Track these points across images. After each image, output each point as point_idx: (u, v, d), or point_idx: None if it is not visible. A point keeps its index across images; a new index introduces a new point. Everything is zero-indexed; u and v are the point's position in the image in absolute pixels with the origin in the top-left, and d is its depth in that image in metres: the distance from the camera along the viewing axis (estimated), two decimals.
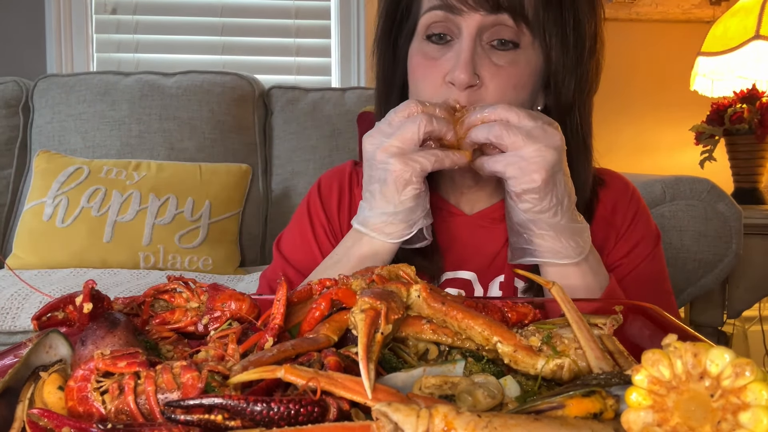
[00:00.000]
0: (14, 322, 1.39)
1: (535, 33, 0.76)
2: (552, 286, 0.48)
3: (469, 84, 0.74)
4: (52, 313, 0.50)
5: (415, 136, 0.68)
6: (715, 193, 1.52)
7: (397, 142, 0.68)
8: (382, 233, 0.73)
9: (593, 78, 0.82)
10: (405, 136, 0.68)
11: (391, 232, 0.73)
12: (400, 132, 0.68)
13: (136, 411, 0.37)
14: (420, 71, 0.80)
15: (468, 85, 0.74)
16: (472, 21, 0.74)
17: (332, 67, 2.69)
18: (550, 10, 0.75)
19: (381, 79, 0.89)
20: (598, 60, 0.82)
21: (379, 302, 0.43)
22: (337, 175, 0.96)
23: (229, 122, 2.21)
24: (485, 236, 0.87)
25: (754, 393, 0.29)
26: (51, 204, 1.86)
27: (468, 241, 0.87)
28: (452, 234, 0.88)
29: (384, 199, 0.71)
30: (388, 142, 0.69)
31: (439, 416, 0.31)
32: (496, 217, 0.88)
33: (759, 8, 2.07)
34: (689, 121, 2.33)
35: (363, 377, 0.36)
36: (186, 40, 2.65)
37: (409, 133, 0.68)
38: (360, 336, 0.40)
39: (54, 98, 2.19)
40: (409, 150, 0.69)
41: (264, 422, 0.34)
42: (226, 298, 0.53)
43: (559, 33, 0.76)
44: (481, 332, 0.46)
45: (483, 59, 0.75)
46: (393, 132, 0.69)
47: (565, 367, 0.43)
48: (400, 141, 0.68)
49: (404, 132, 0.68)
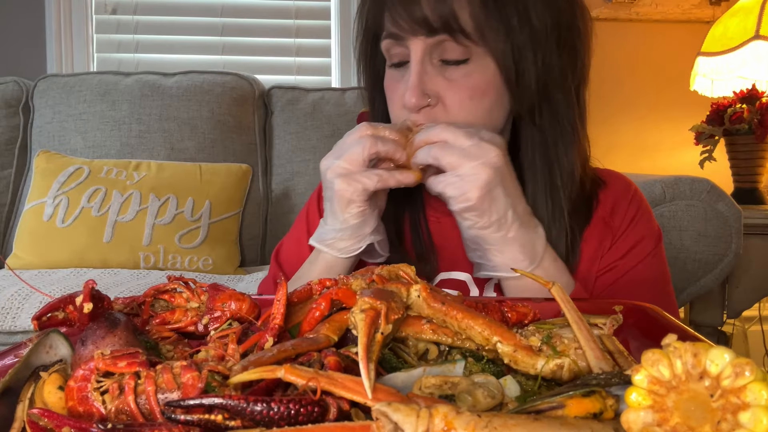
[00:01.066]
0: (14, 322, 1.39)
1: (480, 44, 0.75)
2: (552, 286, 0.48)
3: (420, 106, 0.76)
4: (52, 313, 0.50)
5: (359, 157, 0.71)
6: (714, 193, 1.52)
7: (344, 162, 0.72)
8: (334, 249, 0.77)
9: (565, 65, 0.79)
10: (351, 157, 0.72)
11: (342, 248, 0.77)
12: (348, 153, 0.72)
13: (137, 411, 0.37)
14: (388, 95, 0.83)
15: (420, 107, 0.76)
16: (416, 45, 0.76)
17: (332, 67, 2.69)
18: (491, 17, 0.74)
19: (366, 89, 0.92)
20: (572, 46, 0.79)
21: (379, 302, 0.43)
22: None
23: (229, 122, 2.21)
24: None
25: (753, 393, 0.29)
26: (51, 204, 1.86)
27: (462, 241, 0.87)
28: (446, 234, 0.88)
29: (333, 217, 0.75)
30: (336, 163, 0.73)
31: (439, 416, 0.31)
32: None
33: (759, 8, 2.07)
34: (689, 121, 2.33)
35: (363, 377, 0.36)
36: (186, 40, 2.65)
37: (355, 155, 0.72)
38: (360, 336, 0.40)
39: (54, 98, 2.19)
40: (355, 170, 0.72)
41: (264, 422, 0.34)
42: (226, 298, 0.53)
43: (503, 35, 0.75)
44: (481, 332, 0.46)
45: (435, 77, 0.77)
46: (342, 153, 0.73)
47: (565, 367, 0.43)
48: (347, 162, 0.72)
49: (351, 153, 0.72)
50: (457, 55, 0.76)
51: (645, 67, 2.69)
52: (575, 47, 0.80)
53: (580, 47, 0.81)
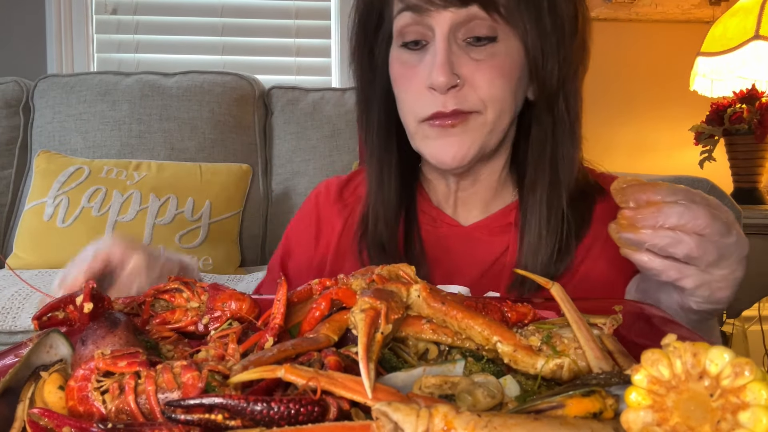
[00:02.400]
0: (15, 322, 1.39)
1: (510, 22, 0.73)
2: (552, 286, 0.48)
3: (450, 85, 0.72)
4: (52, 313, 0.51)
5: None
6: (714, 193, 1.52)
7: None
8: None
9: (577, 59, 0.79)
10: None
11: None
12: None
13: (137, 411, 0.37)
14: (401, 81, 0.78)
15: (449, 87, 0.72)
16: (442, 19, 0.72)
17: (332, 68, 2.69)
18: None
19: (360, 90, 0.87)
20: (583, 40, 0.79)
21: (379, 302, 0.43)
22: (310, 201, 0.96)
23: (229, 122, 2.21)
24: (480, 248, 0.84)
25: (753, 392, 0.29)
26: (51, 204, 1.86)
27: (461, 253, 0.84)
28: (445, 245, 0.86)
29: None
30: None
31: (438, 416, 0.31)
32: (493, 228, 0.85)
33: (759, 8, 2.07)
34: (689, 121, 2.33)
35: (363, 377, 0.36)
36: (186, 40, 2.65)
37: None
38: (360, 336, 0.40)
39: (54, 98, 2.19)
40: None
41: (264, 422, 0.34)
42: (227, 298, 0.53)
43: (533, 18, 0.74)
44: (480, 332, 0.45)
45: (461, 57, 0.73)
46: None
47: (564, 367, 0.43)
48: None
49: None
50: (485, 32, 0.72)
51: (645, 67, 2.69)
52: (585, 42, 0.80)
53: (587, 38, 0.81)
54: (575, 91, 0.80)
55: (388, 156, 0.86)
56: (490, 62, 0.73)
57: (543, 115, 0.80)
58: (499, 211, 0.86)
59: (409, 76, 0.76)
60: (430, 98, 0.74)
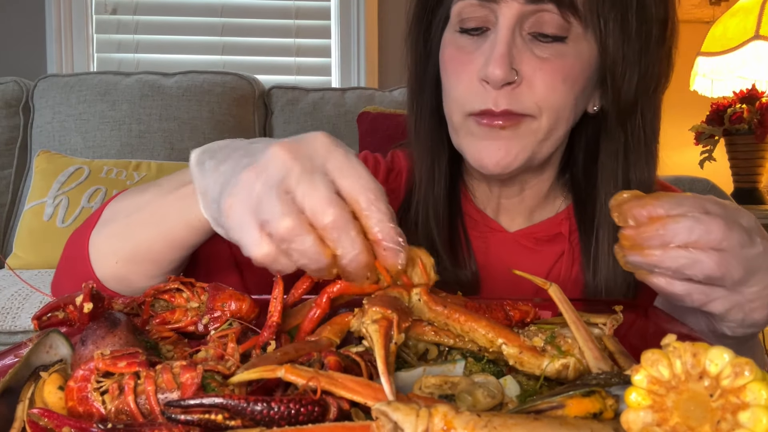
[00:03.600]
0: (14, 322, 1.39)
1: (587, 21, 0.65)
2: (549, 287, 0.48)
3: (506, 81, 0.64)
4: (52, 313, 0.50)
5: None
6: (714, 193, 1.52)
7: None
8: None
9: (662, 71, 0.72)
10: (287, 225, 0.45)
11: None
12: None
13: (136, 411, 0.37)
14: (452, 67, 0.70)
15: (504, 83, 0.64)
16: (509, 9, 0.64)
17: (332, 67, 2.69)
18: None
19: (413, 73, 0.79)
20: (669, 49, 0.72)
21: (390, 311, 0.42)
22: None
23: (229, 122, 2.21)
24: (528, 258, 0.78)
25: (753, 392, 0.29)
26: (51, 204, 1.86)
27: (507, 262, 0.77)
28: (492, 251, 0.79)
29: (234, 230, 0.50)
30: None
31: (438, 416, 0.31)
32: (540, 237, 0.79)
33: (759, 8, 2.07)
34: (689, 121, 2.33)
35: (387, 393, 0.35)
36: (186, 40, 2.65)
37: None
38: (377, 348, 0.39)
39: (54, 98, 2.19)
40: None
41: (264, 422, 0.34)
42: (227, 298, 0.53)
43: (619, 18, 0.66)
44: (484, 334, 0.45)
45: (523, 52, 0.65)
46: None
47: (570, 367, 0.43)
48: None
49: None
50: (554, 30, 0.65)
51: None
52: (670, 48, 0.73)
53: (674, 48, 0.74)
54: (655, 107, 0.73)
55: (439, 149, 0.78)
56: (556, 63, 0.66)
57: (615, 130, 0.72)
58: (548, 219, 0.81)
59: (463, 62, 0.68)
60: (481, 92, 0.67)
